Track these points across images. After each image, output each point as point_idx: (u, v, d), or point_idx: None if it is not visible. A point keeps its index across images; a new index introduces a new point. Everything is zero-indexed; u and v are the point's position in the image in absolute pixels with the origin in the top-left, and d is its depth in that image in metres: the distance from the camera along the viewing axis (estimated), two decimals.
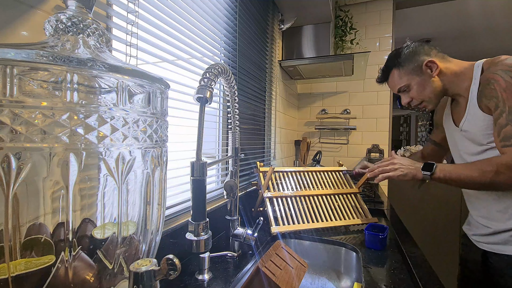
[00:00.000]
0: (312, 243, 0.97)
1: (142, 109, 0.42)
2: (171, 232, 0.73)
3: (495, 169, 0.73)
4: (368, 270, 0.74)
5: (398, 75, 0.94)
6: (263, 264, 0.55)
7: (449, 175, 0.81)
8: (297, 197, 1.06)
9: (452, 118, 0.97)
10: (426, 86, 0.91)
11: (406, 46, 0.94)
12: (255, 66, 1.44)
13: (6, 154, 0.31)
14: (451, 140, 1.00)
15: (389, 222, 1.16)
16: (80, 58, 0.35)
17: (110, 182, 0.39)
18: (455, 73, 0.88)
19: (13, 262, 0.32)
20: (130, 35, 0.68)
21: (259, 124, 1.54)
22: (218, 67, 0.61)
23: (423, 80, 0.90)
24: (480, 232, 0.90)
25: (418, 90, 0.92)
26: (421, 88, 0.92)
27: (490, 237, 0.86)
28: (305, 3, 1.68)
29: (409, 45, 0.93)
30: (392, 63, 0.95)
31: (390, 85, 1.00)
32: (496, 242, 0.84)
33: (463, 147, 0.92)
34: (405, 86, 0.94)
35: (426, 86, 0.91)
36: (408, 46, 0.93)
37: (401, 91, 0.97)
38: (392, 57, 0.96)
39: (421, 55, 0.90)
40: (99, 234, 0.39)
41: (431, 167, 0.83)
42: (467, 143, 0.89)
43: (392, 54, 0.97)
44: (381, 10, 2.32)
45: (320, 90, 2.49)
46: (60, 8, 0.52)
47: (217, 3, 1.08)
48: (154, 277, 0.40)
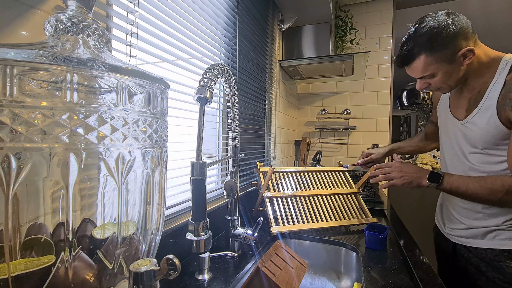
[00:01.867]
0: (312, 243, 0.97)
1: (142, 109, 0.42)
2: (171, 232, 0.73)
3: (505, 189, 0.71)
4: (368, 270, 0.73)
5: (426, 62, 0.77)
6: (263, 264, 0.55)
7: (456, 189, 0.78)
8: (297, 197, 1.06)
9: (449, 106, 0.92)
10: (453, 75, 0.79)
11: (446, 25, 0.73)
12: (255, 66, 1.44)
13: (6, 154, 0.31)
14: (444, 127, 0.96)
15: (389, 222, 1.16)
16: (80, 58, 0.35)
17: (110, 182, 0.39)
18: (481, 63, 0.78)
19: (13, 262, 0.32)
20: (130, 35, 0.68)
21: (259, 124, 1.54)
22: (218, 67, 0.61)
23: (452, 69, 0.77)
24: (453, 227, 0.92)
25: (443, 79, 0.80)
26: (447, 77, 0.79)
27: (462, 231, 0.89)
28: (305, 3, 1.68)
29: (450, 25, 0.73)
30: (423, 46, 0.76)
31: (411, 70, 0.83)
32: (466, 236, 0.88)
33: (456, 141, 0.89)
34: (430, 74, 0.80)
35: (452, 75, 0.79)
36: (449, 25, 0.73)
37: (423, 78, 0.83)
38: (424, 38, 0.75)
39: (460, 40, 0.74)
40: (99, 234, 0.39)
41: (438, 178, 0.79)
42: (462, 140, 0.86)
43: (424, 33, 0.75)
44: (381, 10, 2.32)
45: (320, 90, 2.49)
46: (60, 8, 0.52)
47: (217, 3, 1.08)
48: (154, 277, 0.40)
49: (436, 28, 0.74)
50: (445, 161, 0.96)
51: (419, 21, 0.78)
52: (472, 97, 0.83)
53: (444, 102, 0.96)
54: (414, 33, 0.77)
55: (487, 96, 0.78)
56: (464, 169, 0.86)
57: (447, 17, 0.74)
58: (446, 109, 0.94)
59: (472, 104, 0.83)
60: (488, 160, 0.81)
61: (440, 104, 0.99)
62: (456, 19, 0.74)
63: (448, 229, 0.95)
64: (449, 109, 0.92)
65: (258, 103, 1.51)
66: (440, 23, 0.74)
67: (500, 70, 0.76)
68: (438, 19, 0.75)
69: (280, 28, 1.87)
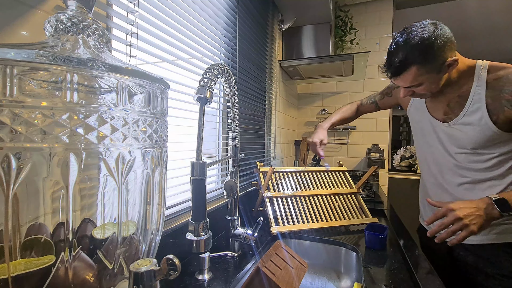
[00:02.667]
0: (312, 243, 0.97)
1: (142, 109, 0.42)
2: (171, 232, 0.73)
3: None
4: (368, 270, 0.73)
5: (416, 73, 0.77)
6: (263, 264, 0.55)
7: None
8: (297, 197, 1.06)
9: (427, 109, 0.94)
10: (437, 83, 0.81)
11: (436, 36, 0.74)
12: (255, 66, 1.44)
13: (6, 154, 0.31)
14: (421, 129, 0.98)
15: (389, 222, 1.16)
16: (80, 58, 0.35)
17: (110, 182, 0.39)
18: (459, 70, 0.82)
19: (13, 262, 0.32)
20: (130, 35, 0.68)
21: (259, 124, 1.54)
22: (218, 67, 0.61)
23: (438, 78, 0.79)
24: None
25: (428, 87, 0.81)
26: (432, 85, 0.81)
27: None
28: (305, 3, 1.68)
29: (439, 36, 0.74)
30: (415, 58, 0.75)
31: (400, 80, 0.82)
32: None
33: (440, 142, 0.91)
34: (418, 84, 0.81)
35: (437, 83, 0.81)
36: (438, 36, 0.74)
37: (410, 87, 0.83)
38: (416, 50, 0.75)
39: (447, 51, 0.75)
40: (99, 234, 0.39)
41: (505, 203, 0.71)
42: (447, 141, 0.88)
43: (416, 44, 0.74)
44: (381, 10, 2.32)
45: (320, 90, 2.49)
46: (60, 8, 0.52)
47: (217, 3, 1.08)
48: (154, 277, 0.40)
49: (427, 40, 0.74)
50: (426, 159, 0.99)
51: (407, 31, 0.77)
52: (452, 101, 0.87)
53: (418, 105, 0.99)
54: (404, 43, 0.76)
55: (472, 99, 0.81)
56: (449, 166, 0.90)
57: (435, 28, 0.75)
58: (423, 112, 0.96)
59: (453, 107, 0.86)
60: (475, 159, 0.84)
61: (412, 106, 1.03)
62: (443, 29, 0.75)
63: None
64: (428, 111, 0.94)
65: (258, 103, 1.51)
66: (430, 34, 0.74)
67: (478, 73, 0.81)
68: (427, 30, 0.75)
69: (280, 28, 1.87)
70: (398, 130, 6.92)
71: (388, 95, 1.17)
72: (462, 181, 0.87)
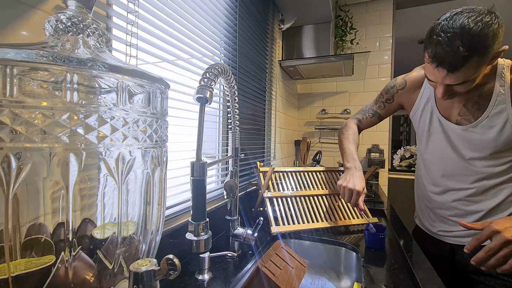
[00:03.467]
0: (312, 243, 0.97)
1: (142, 109, 0.42)
2: (171, 232, 0.73)
3: None
4: (368, 270, 0.74)
5: (475, 66, 0.66)
6: (263, 264, 0.55)
7: None
8: (297, 197, 1.06)
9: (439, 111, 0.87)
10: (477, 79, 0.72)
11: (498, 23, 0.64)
12: (255, 66, 1.44)
13: (6, 154, 0.31)
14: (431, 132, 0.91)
15: (389, 222, 1.16)
16: (80, 58, 0.35)
17: (110, 182, 0.39)
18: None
19: (13, 262, 0.32)
20: (130, 35, 0.68)
21: (259, 124, 1.54)
22: (218, 67, 0.61)
23: (481, 72, 0.70)
24: (449, 229, 0.91)
25: (471, 84, 0.71)
26: (474, 82, 0.71)
27: (460, 232, 0.88)
28: (305, 3, 1.68)
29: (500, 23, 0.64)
30: (478, 49, 0.64)
31: (456, 76, 0.68)
32: (465, 236, 0.87)
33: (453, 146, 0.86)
34: (472, 80, 0.70)
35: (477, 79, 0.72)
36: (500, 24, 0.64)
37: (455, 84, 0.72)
38: (478, 40, 0.63)
39: (499, 39, 0.65)
40: (99, 234, 0.39)
41: None
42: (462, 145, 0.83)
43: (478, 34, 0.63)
44: (381, 10, 2.32)
45: (320, 90, 2.49)
46: (60, 8, 0.52)
47: (217, 3, 1.08)
48: (154, 277, 0.40)
49: (490, 26, 0.63)
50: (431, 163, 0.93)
51: (459, 16, 0.65)
52: (469, 102, 0.80)
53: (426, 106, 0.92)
54: (464, 30, 0.63)
55: (495, 100, 0.75)
56: (459, 171, 0.85)
57: (491, 13, 0.65)
58: (433, 113, 0.89)
59: (471, 108, 0.80)
60: (491, 163, 0.80)
61: (419, 108, 0.95)
62: (498, 17, 0.66)
63: (441, 231, 0.94)
64: (439, 112, 0.88)
65: (258, 103, 1.51)
66: (492, 19, 0.64)
67: (500, 73, 0.74)
68: (485, 14, 0.64)
69: (280, 28, 1.87)
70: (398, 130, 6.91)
71: (389, 101, 1.06)
72: (471, 186, 0.84)
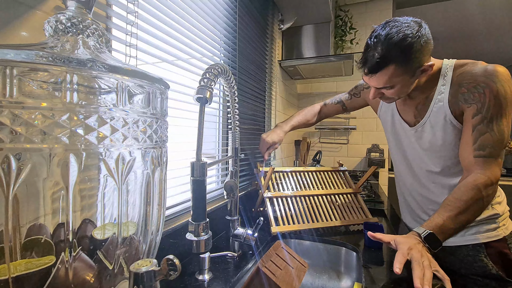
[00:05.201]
0: (312, 243, 0.97)
1: (142, 109, 0.42)
2: (171, 233, 0.73)
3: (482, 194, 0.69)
4: (368, 270, 0.74)
5: (393, 73, 0.72)
6: (263, 264, 0.55)
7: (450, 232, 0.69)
8: (297, 197, 1.06)
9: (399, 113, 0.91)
10: (408, 87, 0.77)
11: (420, 36, 0.69)
12: (255, 66, 1.44)
13: (6, 155, 0.31)
14: (394, 133, 0.95)
15: (389, 221, 1.16)
16: (79, 58, 0.35)
17: (110, 182, 0.39)
18: (429, 74, 0.77)
19: (14, 262, 0.32)
20: (130, 35, 0.68)
21: (259, 124, 1.54)
22: (218, 67, 0.61)
23: (410, 82, 0.76)
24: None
25: (398, 91, 0.77)
26: (402, 89, 0.77)
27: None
28: (305, 3, 1.68)
29: (422, 36, 0.69)
30: (395, 57, 0.70)
31: (375, 79, 0.76)
32: None
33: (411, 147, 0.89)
34: (391, 86, 0.76)
35: (408, 87, 0.77)
36: (422, 37, 0.69)
37: (381, 88, 0.78)
38: (397, 48, 0.69)
39: (426, 55, 0.72)
40: (99, 235, 0.39)
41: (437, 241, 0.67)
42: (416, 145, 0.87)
43: (399, 42, 0.68)
44: (381, 10, 2.32)
45: (320, 90, 2.49)
46: (59, 9, 0.52)
47: (217, 3, 1.08)
48: (154, 278, 0.40)
49: (410, 38, 0.68)
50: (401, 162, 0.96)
51: (390, 25, 0.71)
52: (420, 103, 0.84)
53: (388, 107, 0.96)
54: (386, 38, 0.69)
55: (436, 98, 0.80)
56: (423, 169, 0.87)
57: (419, 27, 0.70)
58: (394, 115, 0.94)
59: (420, 109, 0.84)
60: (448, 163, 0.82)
61: (382, 108, 1.00)
62: (426, 30, 0.71)
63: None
64: (399, 114, 0.92)
65: (258, 103, 1.51)
66: (414, 32, 0.69)
67: (444, 73, 0.78)
68: (411, 28, 0.69)
69: (280, 28, 1.87)
70: None
71: (356, 96, 1.12)
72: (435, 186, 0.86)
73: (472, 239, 0.82)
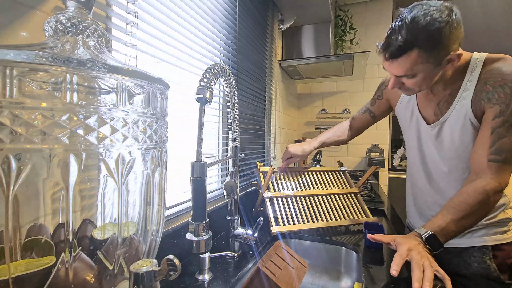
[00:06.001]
0: (312, 243, 0.97)
1: (142, 109, 0.42)
2: (172, 233, 0.73)
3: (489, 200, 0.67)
4: (368, 270, 0.73)
5: (416, 60, 0.67)
6: (264, 264, 0.55)
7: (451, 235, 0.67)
8: (297, 197, 1.06)
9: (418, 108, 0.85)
10: (431, 78, 0.71)
11: (449, 22, 0.63)
12: (255, 66, 1.44)
13: (6, 155, 0.31)
14: (413, 130, 0.89)
15: (389, 221, 1.16)
16: (79, 59, 0.35)
17: (110, 182, 0.39)
18: (456, 67, 0.72)
19: (14, 263, 0.32)
20: (130, 35, 0.68)
21: (259, 124, 1.54)
22: (217, 67, 0.61)
23: (434, 72, 0.69)
24: None
25: (420, 82, 0.71)
26: (425, 80, 0.71)
27: None
28: (305, 3, 1.68)
29: (452, 22, 0.63)
30: (420, 41, 0.64)
31: (396, 65, 0.70)
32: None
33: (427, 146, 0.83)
34: (413, 74, 0.70)
35: (431, 78, 0.71)
36: (451, 23, 0.63)
37: (402, 76, 0.73)
38: (423, 32, 0.63)
39: (453, 43, 0.66)
40: (99, 235, 0.39)
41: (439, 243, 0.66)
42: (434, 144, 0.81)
43: (425, 25, 0.63)
44: (381, 10, 2.32)
45: (320, 90, 2.49)
46: (59, 9, 0.52)
47: (217, 3, 1.08)
48: (155, 278, 0.40)
49: (438, 23, 0.62)
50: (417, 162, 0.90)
51: (418, 8, 0.65)
52: (442, 100, 0.79)
53: (408, 103, 0.90)
54: (412, 21, 0.64)
55: (460, 96, 0.74)
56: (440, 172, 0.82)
57: (450, 12, 0.64)
58: (414, 110, 0.87)
59: (442, 107, 0.79)
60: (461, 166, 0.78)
61: (401, 103, 0.93)
62: (457, 16, 0.65)
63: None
64: (419, 111, 0.86)
65: (258, 103, 1.51)
66: (443, 17, 0.63)
67: (472, 68, 0.72)
68: (440, 11, 0.63)
69: (280, 28, 1.87)
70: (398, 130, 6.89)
71: (379, 98, 1.06)
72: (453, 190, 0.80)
73: (479, 241, 0.80)
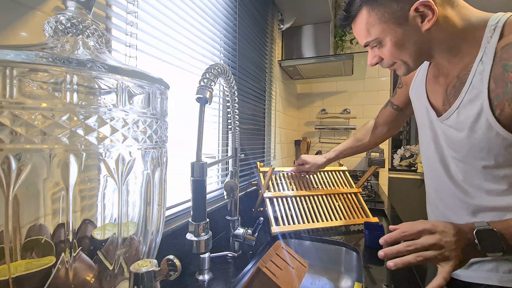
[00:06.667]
0: (312, 243, 0.97)
1: (142, 109, 0.42)
2: (172, 233, 0.73)
3: None
4: (368, 270, 0.73)
5: (368, 20, 0.56)
6: (264, 264, 0.55)
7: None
8: (297, 197, 1.06)
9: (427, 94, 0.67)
10: (407, 44, 0.55)
11: None
12: (255, 66, 1.44)
13: (6, 155, 0.31)
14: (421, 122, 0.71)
15: (390, 221, 1.16)
16: (79, 59, 0.35)
17: (110, 183, 0.39)
18: (455, 32, 0.54)
19: (14, 263, 0.32)
20: (130, 35, 0.68)
21: (259, 124, 1.54)
22: (217, 67, 0.61)
23: (404, 34, 0.54)
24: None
25: (392, 50, 0.57)
26: (397, 47, 0.56)
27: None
28: (305, 3, 1.68)
29: None
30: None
31: (356, 32, 0.61)
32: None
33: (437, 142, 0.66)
34: (376, 41, 0.58)
35: (407, 44, 0.56)
36: None
37: (370, 45, 0.60)
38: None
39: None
40: (99, 235, 0.39)
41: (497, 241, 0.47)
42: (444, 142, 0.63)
43: None
44: None
45: (320, 90, 2.49)
46: (59, 9, 0.52)
47: (217, 3, 1.08)
48: (155, 278, 0.40)
49: None
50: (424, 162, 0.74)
51: None
52: (450, 84, 0.59)
53: (418, 86, 0.70)
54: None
55: (470, 79, 0.53)
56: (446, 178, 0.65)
57: None
58: (421, 96, 0.68)
59: (450, 93, 0.59)
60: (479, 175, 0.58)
61: (413, 88, 0.73)
62: None
63: None
64: (427, 97, 0.67)
65: (258, 103, 1.51)
66: None
67: (486, 41, 0.51)
68: None
69: (279, 28, 1.87)
70: None
71: (399, 86, 0.88)
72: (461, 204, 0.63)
73: (485, 277, 0.62)
